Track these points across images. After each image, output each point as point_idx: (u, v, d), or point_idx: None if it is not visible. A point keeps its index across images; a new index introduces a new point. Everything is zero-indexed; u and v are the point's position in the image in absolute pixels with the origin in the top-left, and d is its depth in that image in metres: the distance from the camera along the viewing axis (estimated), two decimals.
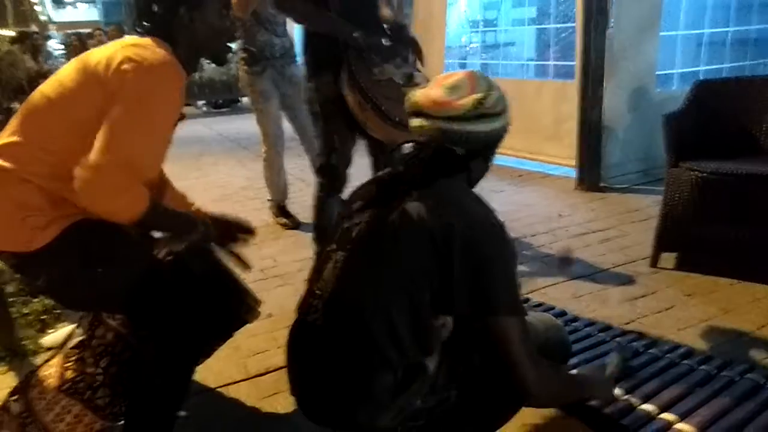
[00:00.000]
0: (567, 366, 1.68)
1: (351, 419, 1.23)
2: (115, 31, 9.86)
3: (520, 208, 3.91)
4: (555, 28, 5.27)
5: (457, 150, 1.24)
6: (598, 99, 4.07)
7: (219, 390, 2.04)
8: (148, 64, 1.41)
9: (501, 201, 4.02)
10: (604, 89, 4.07)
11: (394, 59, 2.36)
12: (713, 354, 1.94)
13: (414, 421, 1.24)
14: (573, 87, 4.27)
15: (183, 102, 1.56)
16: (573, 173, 4.35)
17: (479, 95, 1.22)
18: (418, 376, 1.21)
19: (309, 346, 1.30)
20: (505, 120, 1.27)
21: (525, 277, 2.71)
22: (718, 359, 1.86)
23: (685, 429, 1.51)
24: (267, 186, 3.91)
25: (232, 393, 2.02)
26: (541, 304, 2.37)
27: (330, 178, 2.48)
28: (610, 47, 3.98)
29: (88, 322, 1.66)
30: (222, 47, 1.69)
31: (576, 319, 2.19)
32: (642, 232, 3.26)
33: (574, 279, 2.75)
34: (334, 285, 1.26)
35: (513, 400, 1.30)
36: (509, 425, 1.38)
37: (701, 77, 4.54)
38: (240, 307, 1.75)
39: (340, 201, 2.46)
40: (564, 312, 2.26)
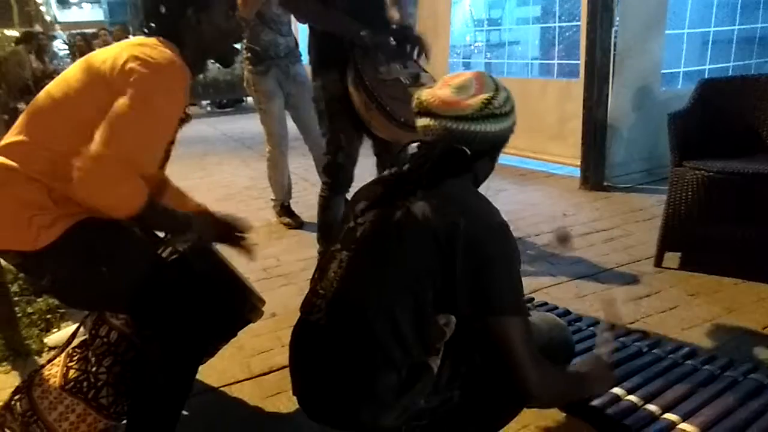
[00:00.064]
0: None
1: (354, 419, 1.22)
2: (120, 31, 9.90)
3: (524, 207, 3.91)
4: (560, 26, 5.26)
5: (464, 150, 1.24)
6: (602, 98, 4.06)
7: (222, 389, 2.04)
8: (153, 62, 1.41)
9: (505, 200, 4.01)
10: (609, 88, 4.06)
11: (400, 59, 2.36)
12: (717, 354, 1.93)
13: (417, 421, 1.24)
14: (578, 86, 4.27)
15: (187, 102, 1.57)
16: (577, 172, 4.34)
17: (487, 95, 1.22)
18: (421, 375, 1.21)
19: (312, 345, 1.31)
20: (512, 121, 1.27)
21: (529, 277, 2.71)
22: (721, 359, 1.86)
23: (689, 429, 1.50)
24: (271, 185, 3.92)
25: (235, 392, 2.03)
26: (545, 303, 2.36)
27: (336, 177, 2.48)
28: (615, 46, 3.97)
29: (91, 321, 1.67)
30: (228, 49, 1.69)
31: (579, 319, 2.19)
32: (646, 231, 3.25)
33: (577, 279, 2.75)
34: (337, 284, 1.26)
35: (516, 400, 1.30)
36: (511, 425, 1.38)
37: (707, 76, 4.52)
38: (243, 307, 1.76)
39: (345, 200, 2.46)
40: (567, 311, 2.26)
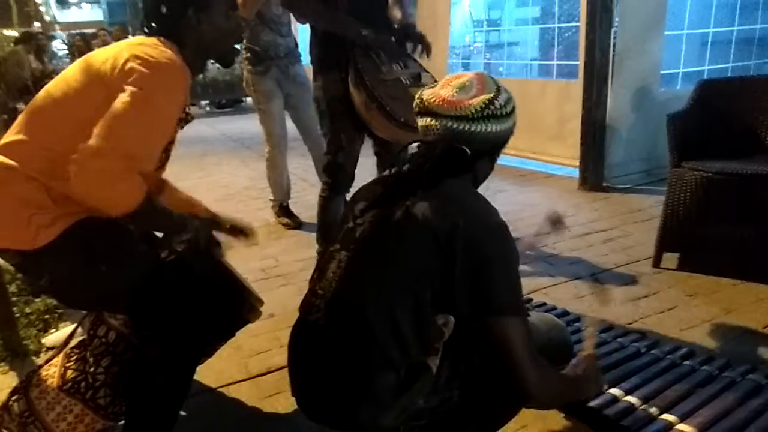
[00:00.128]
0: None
1: (353, 419, 1.22)
2: (120, 32, 9.90)
3: (523, 208, 3.91)
4: (559, 27, 5.26)
5: (464, 149, 1.24)
6: (601, 99, 4.06)
7: (220, 390, 2.04)
8: (154, 61, 1.41)
9: (504, 201, 4.01)
10: (608, 89, 4.06)
11: (401, 59, 2.36)
12: (715, 354, 1.94)
13: (416, 421, 1.24)
14: (577, 87, 4.27)
15: (187, 102, 1.57)
16: (576, 173, 4.34)
17: (489, 95, 1.22)
18: (420, 375, 1.21)
19: (311, 345, 1.30)
20: (513, 121, 1.27)
21: (527, 277, 2.71)
22: (720, 360, 1.86)
23: (687, 430, 1.51)
24: (270, 186, 3.92)
25: (233, 393, 2.03)
26: (543, 304, 2.37)
27: (336, 176, 2.48)
28: (614, 47, 3.97)
29: (89, 321, 1.67)
30: (229, 49, 1.69)
31: (578, 320, 2.19)
32: (645, 232, 3.25)
33: (576, 279, 2.75)
34: (336, 285, 1.26)
35: (514, 400, 1.30)
36: (510, 425, 1.38)
37: (706, 76, 4.52)
38: (242, 307, 1.76)
39: (345, 201, 2.46)
40: (566, 312, 2.26)
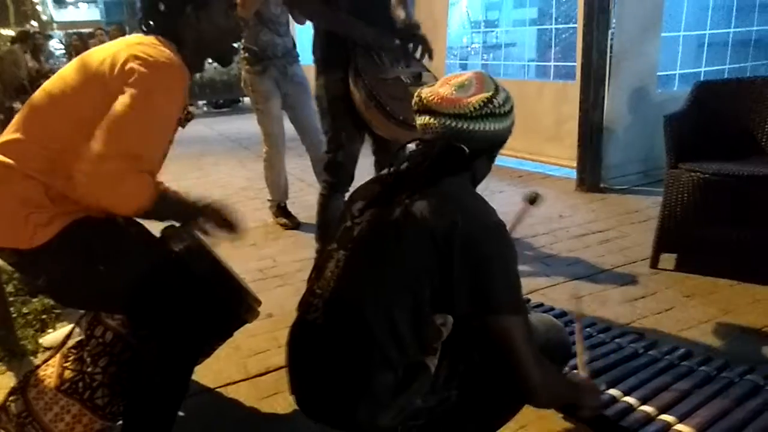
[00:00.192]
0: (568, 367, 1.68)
1: (351, 418, 1.22)
2: (117, 31, 9.86)
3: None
4: (556, 28, 5.27)
5: (463, 148, 1.24)
6: (599, 100, 4.07)
7: (218, 390, 2.03)
8: (153, 61, 1.41)
9: (501, 201, 4.01)
10: (605, 90, 4.07)
11: (404, 58, 2.36)
12: (713, 355, 1.94)
13: (414, 420, 1.24)
14: (574, 88, 4.27)
15: (186, 101, 1.57)
16: (573, 174, 4.35)
17: (488, 94, 1.23)
18: (418, 375, 1.21)
19: (309, 344, 1.30)
20: (511, 120, 1.28)
21: (525, 278, 2.71)
22: (717, 360, 1.86)
23: (685, 430, 1.51)
24: (267, 186, 3.91)
25: (231, 393, 2.02)
26: (541, 304, 2.37)
27: (336, 175, 2.49)
28: (611, 48, 3.98)
29: (87, 321, 1.66)
30: (227, 48, 1.68)
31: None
32: (642, 233, 3.26)
33: (574, 280, 2.75)
34: (335, 284, 1.26)
35: (514, 399, 1.30)
36: (510, 425, 1.38)
37: (702, 78, 4.54)
38: (240, 307, 1.75)
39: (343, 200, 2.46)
40: (564, 313, 2.26)
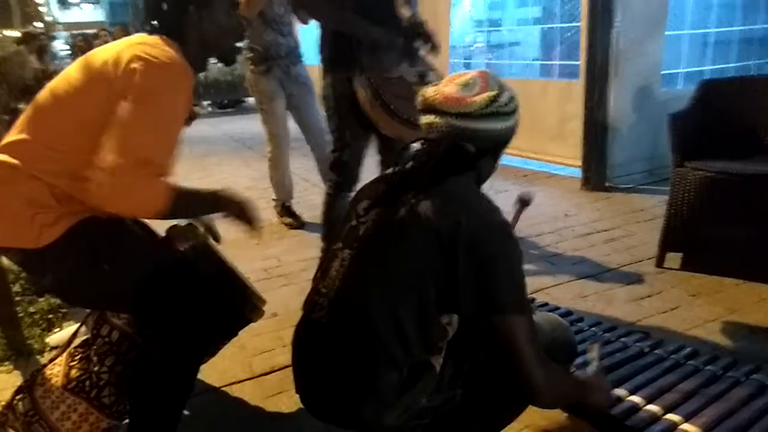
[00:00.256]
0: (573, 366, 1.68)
1: (356, 417, 1.23)
2: (121, 32, 9.88)
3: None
4: (560, 27, 5.26)
5: (468, 147, 1.24)
6: (603, 99, 4.06)
7: (223, 389, 2.04)
8: (157, 61, 1.41)
9: (506, 201, 3.97)
10: (609, 89, 4.06)
11: (409, 57, 2.36)
12: (719, 354, 1.93)
13: (419, 420, 1.24)
14: (578, 86, 4.27)
15: (191, 101, 1.57)
16: (578, 173, 4.34)
17: (492, 93, 1.22)
18: (423, 374, 1.21)
19: (314, 343, 1.31)
20: (516, 120, 1.27)
21: (530, 277, 2.70)
22: (723, 360, 1.86)
23: (691, 430, 1.50)
24: (272, 186, 3.92)
25: (236, 392, 2.03)
26: (546, 304, 2.37)
27: (341, 174, 2.49)
28: (615, 46, 3.97)
29: (93, 321, 1.67)
30: (230, 47, 1.68)
31: (581, 319, 2.19)
32: (647, 232, 3.25)
33: (579, 279, 2.75)
34: (340, 283, 1.26)
35: (519, 399, 1.30)
36: (513, 425, 1.38)
37: (707, 77, 4.52)
38: (244, 306, 1.75)
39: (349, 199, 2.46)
40: (569, 312, 2.26)
